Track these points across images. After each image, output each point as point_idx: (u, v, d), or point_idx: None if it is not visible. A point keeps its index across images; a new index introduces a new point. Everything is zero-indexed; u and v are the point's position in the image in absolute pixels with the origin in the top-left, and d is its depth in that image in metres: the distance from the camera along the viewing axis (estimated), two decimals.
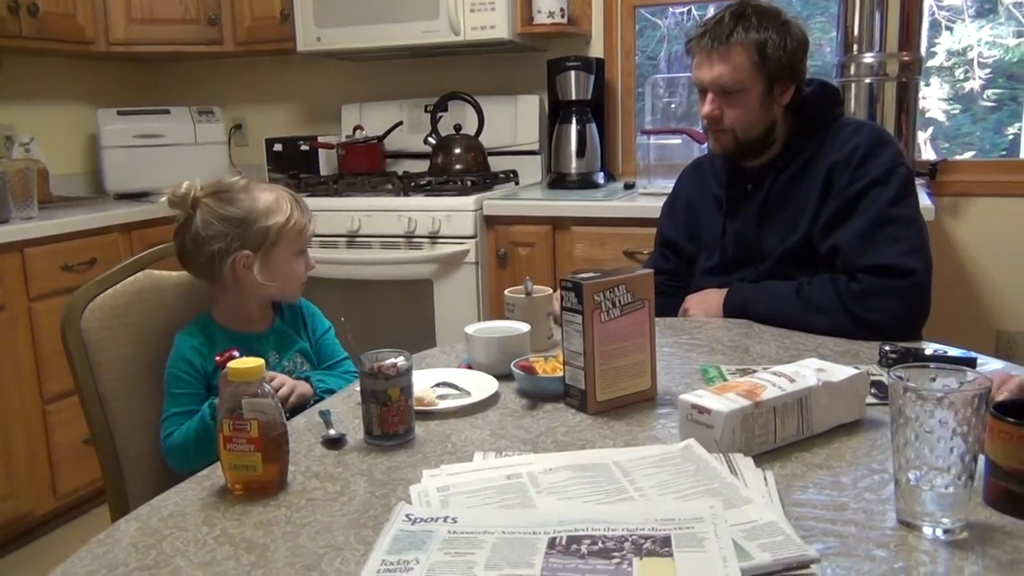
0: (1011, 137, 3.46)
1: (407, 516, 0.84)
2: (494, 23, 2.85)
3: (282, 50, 3.24)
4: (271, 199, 1.42)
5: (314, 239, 2.77)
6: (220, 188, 1.41)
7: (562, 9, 2.95)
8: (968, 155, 3.33)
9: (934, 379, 0.85)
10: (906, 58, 2.58)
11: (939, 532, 0.80)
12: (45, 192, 2.97)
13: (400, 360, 1.08)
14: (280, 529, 0.87)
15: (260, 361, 0.98)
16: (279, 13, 3.19)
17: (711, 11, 1.64)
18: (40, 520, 2.59)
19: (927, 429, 0.79)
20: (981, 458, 0.83)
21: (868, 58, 2.60)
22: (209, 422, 1.32)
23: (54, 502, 2.60)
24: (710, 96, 1.64)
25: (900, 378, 0.81)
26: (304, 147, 3.35)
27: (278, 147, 3.40)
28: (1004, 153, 3.45)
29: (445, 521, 0.83)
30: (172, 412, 1.38)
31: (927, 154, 3.20)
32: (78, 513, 2.71)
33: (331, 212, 2.80)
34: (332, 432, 1.10)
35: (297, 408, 1.33)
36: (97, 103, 3.40)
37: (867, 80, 2.61)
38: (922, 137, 3.17)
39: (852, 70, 2.63)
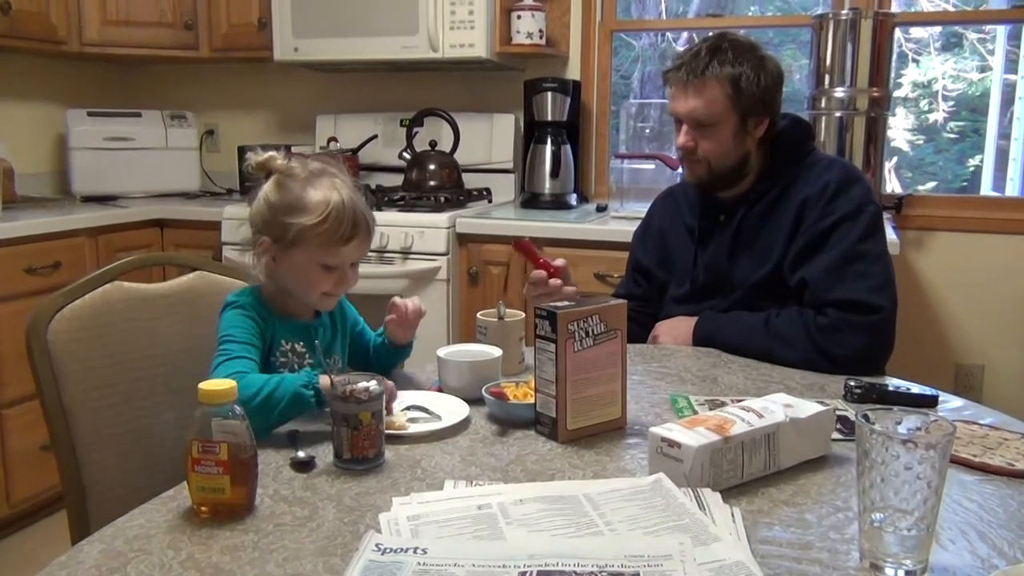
0: (972, 168, 3.54)
1: (376, 546, 0.84)
2: (473, 41, 2.87)
3: (258, 58, 3.22)
4: (317, 199, 1.30)
5: None
6: (287, 170, 1.34)
7: (541, 30, 2.97)
8: (930, 185, 3.41)
9: (900, 422, 0.86)
10: (876, 94, 2.64)
11: (901, 573, 0.82)
12: (10, 192, 2.93)
13: (372, 384, 1.08)
14: (247, 555, 0.87)
15: (231, 383, 0.97)
16: (256, 21, 3.18)
17: (685, 35, 1.67)
18: None
19: (893, 472, 0.80)
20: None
21: (839, 92, 2.66)
22: (299, 391, 1.18)
23: (7, 509, 2.54)
24: (685, 128, 1.66)
25: (867, 420, 0.83)
26: None
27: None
28: (965, 184, 3.53)
29: (415, 552, 0.83)
30: (233, 355, 1.25)
31: (891, 183, 3.26)
32: (32, 520, 2.65)
33: None
34: (301, 454, 1.10)
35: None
36: (67, 103, 3.35)
37: (837, 114, 2.66)
38: (887, 166, 3.24)
39: (823, 103, 2.69)
